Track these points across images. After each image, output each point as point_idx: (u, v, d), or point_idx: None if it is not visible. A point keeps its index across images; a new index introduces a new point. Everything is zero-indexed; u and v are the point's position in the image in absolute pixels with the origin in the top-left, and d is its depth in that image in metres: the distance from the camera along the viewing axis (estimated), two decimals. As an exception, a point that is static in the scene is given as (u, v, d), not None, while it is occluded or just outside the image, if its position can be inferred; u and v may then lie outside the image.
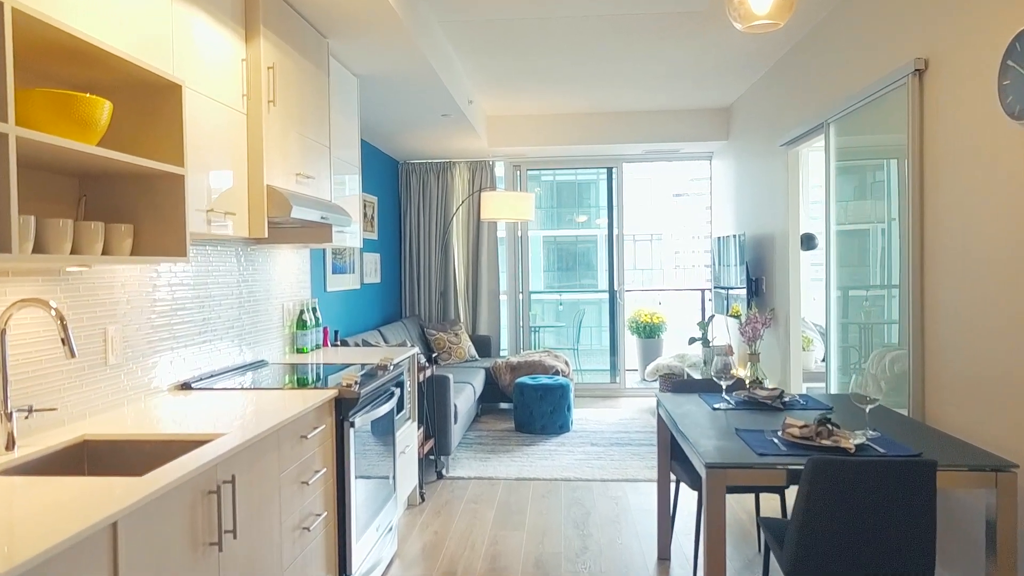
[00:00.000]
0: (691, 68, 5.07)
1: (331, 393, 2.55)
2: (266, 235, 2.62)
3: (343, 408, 2.61)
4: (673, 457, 3.22)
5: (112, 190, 2.12)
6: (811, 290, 5.61)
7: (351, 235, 3.80)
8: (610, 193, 7.36)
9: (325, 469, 2.51)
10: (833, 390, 3.90)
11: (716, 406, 2.92)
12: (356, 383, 2.63)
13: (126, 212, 2.11)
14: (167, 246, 2.10)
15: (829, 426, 2.28)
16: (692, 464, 3.08)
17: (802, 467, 2.09)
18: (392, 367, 3.23)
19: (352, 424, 2.63)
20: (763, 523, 2.40)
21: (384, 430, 3.13)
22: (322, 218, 2.95)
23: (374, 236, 6.19)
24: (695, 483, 2.91)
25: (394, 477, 3.29)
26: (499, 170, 7.27)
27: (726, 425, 2.62)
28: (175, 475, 1.53)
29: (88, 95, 1.75)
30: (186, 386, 2.66)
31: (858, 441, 2.22)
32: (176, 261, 2.07)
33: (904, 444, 2.30)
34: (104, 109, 1.79)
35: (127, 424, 2.08)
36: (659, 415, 3.18)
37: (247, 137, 2.63)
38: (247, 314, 3.25)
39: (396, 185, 7.09)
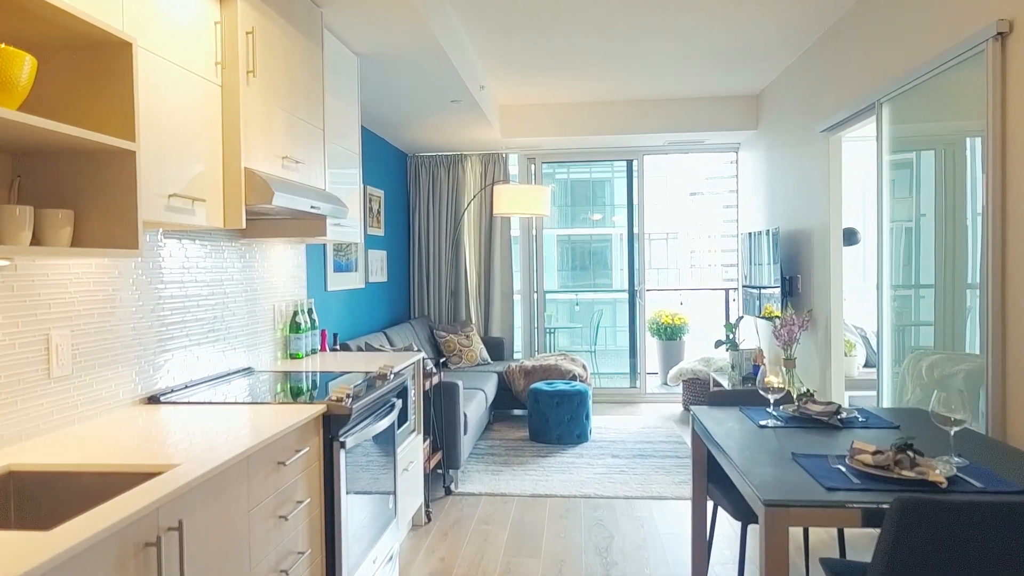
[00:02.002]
0: (718, 50, 4.67)
1: (318, 409, 2.20)
2: (243, 225, 2.27)
3: (333, 426, 2.25)
4: (709, 479, 2.84)
5: (52, 170, 1.77)
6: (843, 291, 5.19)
7: (350, 229, 3.44)
8: (630, 187, 6.96)
9: (310, 499, 2.15)
10: (886, 403, 3.50)
11: (762, 423, 2.54)
12: (348, 397, 2.27)
13: (69, 197, 1.77)
14: (116, 237, 1.75)
15: (910, 453, 1.90)
16: (735, 490, 2.70)
17: (886, 506, 1.71)
18: (392, 376, 2.87)
19: (343, 445, 2.27)
20: (827, 566, 2.02)
21: (384, 446, 2.78)
22: (312, 208, 2.60)
23: (380, 232, 5.83)
24: (740, 513, 2.52)
25: (395, 498, 2.93)
26: (513, 166, 6.89)
27: (778, 447, 2.23)
28: (94, 529, 1.18)
29: (2, 46, 1.40)
30: (154, 399, 2.32)
31: (948, 473, 1.84)
32: (125, 255, 1.72)
33: (999, 474, 1.91)
34: (24, 65, 1.45)
35: (70, 450, 1.73)
36: (694, 431, 2.80)
37: (222, 112, 2.28)
38: (232, 316, 2.91)
39: (404, 179, 6.74)
